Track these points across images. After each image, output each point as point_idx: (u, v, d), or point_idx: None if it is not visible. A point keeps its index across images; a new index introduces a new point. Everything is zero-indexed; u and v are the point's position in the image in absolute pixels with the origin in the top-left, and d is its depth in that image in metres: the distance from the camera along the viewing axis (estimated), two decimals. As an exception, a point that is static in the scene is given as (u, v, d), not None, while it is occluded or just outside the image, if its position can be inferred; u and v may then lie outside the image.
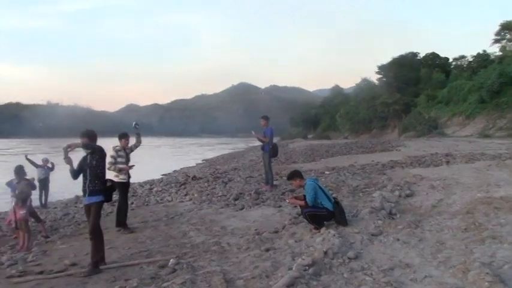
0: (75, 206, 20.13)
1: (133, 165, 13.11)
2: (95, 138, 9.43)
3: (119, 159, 12.86)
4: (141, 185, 23.85)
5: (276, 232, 10.51)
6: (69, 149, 8.92)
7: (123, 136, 13.15)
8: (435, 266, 7.10)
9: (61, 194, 25.10)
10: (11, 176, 14.26)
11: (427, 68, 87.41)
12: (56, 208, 20.25)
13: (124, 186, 13.01)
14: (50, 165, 22.25)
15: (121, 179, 12.85)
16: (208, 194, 17.93)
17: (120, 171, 12.82)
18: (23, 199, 13.15)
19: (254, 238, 10.20)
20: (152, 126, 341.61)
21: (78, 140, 9.29)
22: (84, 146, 9.11)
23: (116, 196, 13.60)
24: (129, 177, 13.25)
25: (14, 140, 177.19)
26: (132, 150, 13.28)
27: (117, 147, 12.95)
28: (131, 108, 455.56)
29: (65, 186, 25.97)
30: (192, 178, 23.64)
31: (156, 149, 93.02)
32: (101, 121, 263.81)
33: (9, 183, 14.08)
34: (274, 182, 18.12)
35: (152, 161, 50.01)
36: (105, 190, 9.37)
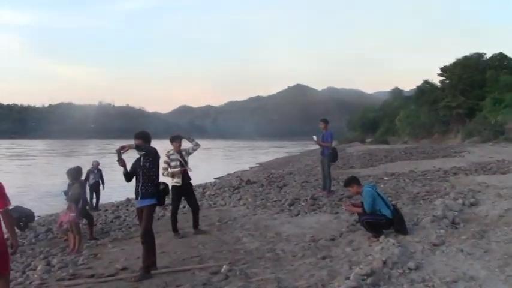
0: (126, 209, 20.35)
1: (185, 168, 12.99)
2: (149, 139, 9.43)
3: (173, 163, 12.86)
4: (193, 188, 23.89)
5: (333, 240, 10.40)
6: (122, 151, 8.90)
7: (175, 139, 13.10)
8: (503, 280, 6.87)
9: (112, 197, 25.49)
10: (58, 178, 14.62)
11: (494, 70, 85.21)
12: (106, 211, 20.50)
13: (178, 190, 13.02)
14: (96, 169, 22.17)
15: (175, 182, 12.88)
16: (262, 199, 17.91)
17: (173, 176, 12.85)
18: (75, 200, 13.33)
19: (310, 245, 10.12)
20: (205, 128, 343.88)
21: (131, 142, 9.38)
22: (138, 148, 9.15)
23: (169, 200, 13.71)
24: (189, 179, 13.19)
25: (64, 140, 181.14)
26: (189, 153, 13.20)
27: (170, 152, 12.95)
28: (184, 110, 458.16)
29: (116, 189, 26.49)
30: (246, 182, 23.72)
31: (209, 151, 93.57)
32: (153, 122, 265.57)
33: (65, 191, 14.20)
34: (331, 188, 17.97)
35: (205, 164, 50.29)
36: (158, 193, 9.36)
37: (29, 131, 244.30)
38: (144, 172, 9.26)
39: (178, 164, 12.87)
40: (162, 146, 12.29)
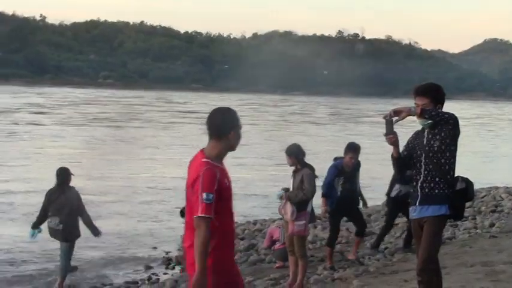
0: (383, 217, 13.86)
1: None
2: (439, 99, 5.90)
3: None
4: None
5: None
6: (396, 118, 5.69)
7: None
8: None
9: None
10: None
11: None
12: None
13: None
14: None
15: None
16: None
17: None
18: (302, 201, 8.40)
19: None
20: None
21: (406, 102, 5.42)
22: (425, 114, 5.67)
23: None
24: None
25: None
26: None
27: None
28: (493, 47, 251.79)
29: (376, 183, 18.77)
30: None
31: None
32: (435, 69, 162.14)
33: (285, 188, 8.57)
34: None
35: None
36: (452, 196, 5.83)
37: (216, 78, 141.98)
38: (430, 157, 5.82)
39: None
40: (462, 108, 7.36)
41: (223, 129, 4.29)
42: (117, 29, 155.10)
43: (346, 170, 9.34)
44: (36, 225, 9.13)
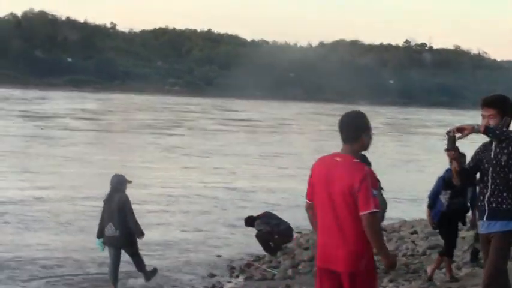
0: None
1: None
2: (509, 109, 5.92)
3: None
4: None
5: None
6: (459, 135, 5.76)
7: None
8: None
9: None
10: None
11: None
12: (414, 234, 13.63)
13: None
14: None
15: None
16: None
17: None
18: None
19: None
20: None
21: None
22: (490, 131, 5.72)
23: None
24: None
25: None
26: None
27: None
28: None
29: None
30: None
31: None
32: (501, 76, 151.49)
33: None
34: None
35: None
36: None
37: (282, 86, 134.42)
38: (497, 172, 5.92)
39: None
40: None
41: (356, 132, 4.63)
42: (184, 37, 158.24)
43: (455, 183, 8.61)
44: (99, 235, 9.30)
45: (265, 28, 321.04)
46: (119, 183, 9.25)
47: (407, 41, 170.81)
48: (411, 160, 33.43)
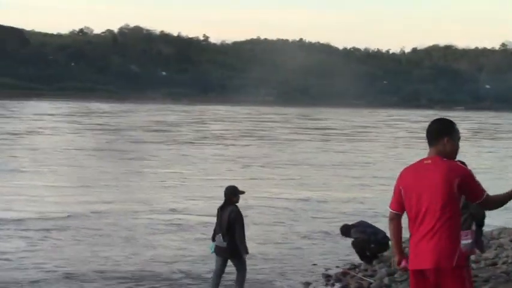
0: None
1: None
2: None
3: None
4: None
5: None
6: None
7: None
8: None
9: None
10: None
11: None
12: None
13: None
14: None
15: None
16: None
17: None
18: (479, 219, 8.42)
19: None
20: None
21: None
22: None
23: None
24: None
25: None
26: None
27: None
28: None
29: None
30: None
31: None
32: None
33: None
34: None
35: None
36: None
37: (376, 94, 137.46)
38: None
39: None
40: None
41: (441, 135, 4.76)
42: (277, 47, 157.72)
43: None
44: (213, 239, 9.48)
45: (355, 36, 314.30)
46: (227, 194, 9.30)
47: (503, 44, 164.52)
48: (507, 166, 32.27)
